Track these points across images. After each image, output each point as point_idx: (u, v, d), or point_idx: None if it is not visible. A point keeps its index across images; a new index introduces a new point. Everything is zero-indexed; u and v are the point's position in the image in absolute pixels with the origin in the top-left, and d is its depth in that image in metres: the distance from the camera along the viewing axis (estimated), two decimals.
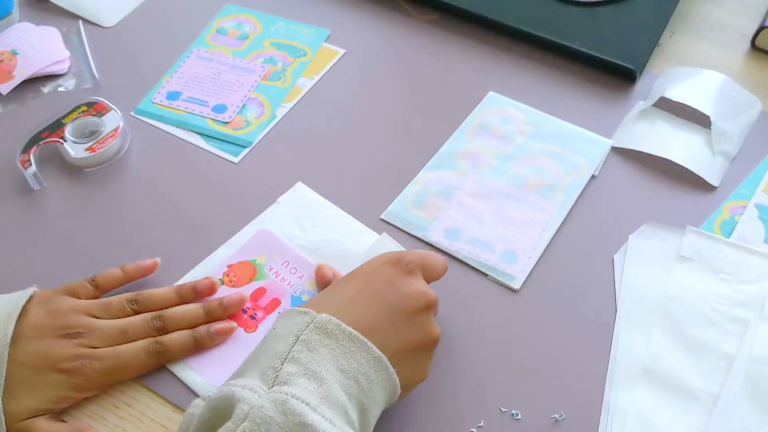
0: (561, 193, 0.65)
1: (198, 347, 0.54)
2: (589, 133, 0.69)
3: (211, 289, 0.57)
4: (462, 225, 0.63)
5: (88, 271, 0.57)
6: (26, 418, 0.49)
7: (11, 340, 0.50)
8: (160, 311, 0.55)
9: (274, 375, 0.42)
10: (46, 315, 0.53)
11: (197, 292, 0.57)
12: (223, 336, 0.55)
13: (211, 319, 0.56)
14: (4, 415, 0.49)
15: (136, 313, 0.55)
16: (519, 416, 0.53)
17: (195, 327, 0.55)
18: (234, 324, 0.56)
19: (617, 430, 0.51)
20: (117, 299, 0.56)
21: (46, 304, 0.53)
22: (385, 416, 0.51)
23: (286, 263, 0.61)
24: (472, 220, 0.63)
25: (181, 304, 0.56)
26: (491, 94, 0.73)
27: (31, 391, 0.50)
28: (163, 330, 0.54)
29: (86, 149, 0.67)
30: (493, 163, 0.67)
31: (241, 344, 0.56)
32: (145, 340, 0.54)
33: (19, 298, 0.53)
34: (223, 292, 0.58)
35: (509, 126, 0.70)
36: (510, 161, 0.67)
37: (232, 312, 0.57)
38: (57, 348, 0.51)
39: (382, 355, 0.45)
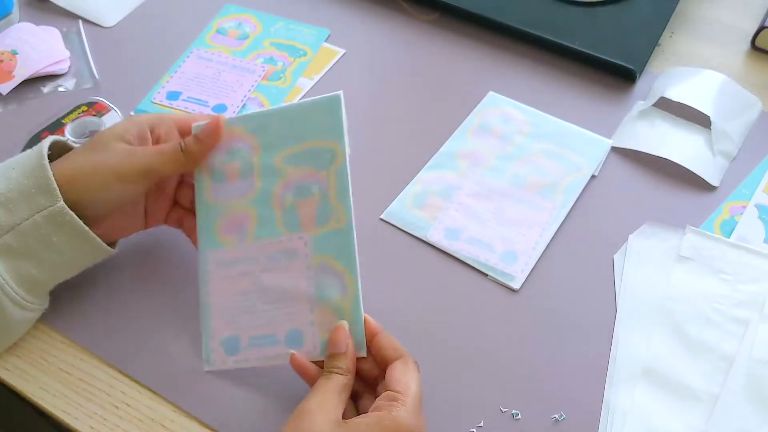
0: (561, 193, 0.65)
1: None
2: (589, 133, 0.69)
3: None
4: (462, 225, 0.63)
5: (88, 272, 0.57)
6: None
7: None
8: None
9: None
10: None
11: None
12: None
13: None
14: None
15: None
16: (519, 416, 0.53)
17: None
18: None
19: (617, 430, 0.51)
20: None
21: None
22: None
23: None
24: (472, 220, 0.63)
25: None
26: (491, 94, 0.73)
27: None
28: None
29: None
30: (493, 163, 0.67)
31: None
32: None
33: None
34: None
35: (509, 126, 0.70)
36: (510, 161, 0.67)
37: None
38: None
39: None
